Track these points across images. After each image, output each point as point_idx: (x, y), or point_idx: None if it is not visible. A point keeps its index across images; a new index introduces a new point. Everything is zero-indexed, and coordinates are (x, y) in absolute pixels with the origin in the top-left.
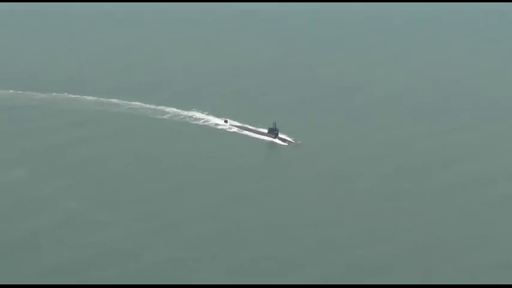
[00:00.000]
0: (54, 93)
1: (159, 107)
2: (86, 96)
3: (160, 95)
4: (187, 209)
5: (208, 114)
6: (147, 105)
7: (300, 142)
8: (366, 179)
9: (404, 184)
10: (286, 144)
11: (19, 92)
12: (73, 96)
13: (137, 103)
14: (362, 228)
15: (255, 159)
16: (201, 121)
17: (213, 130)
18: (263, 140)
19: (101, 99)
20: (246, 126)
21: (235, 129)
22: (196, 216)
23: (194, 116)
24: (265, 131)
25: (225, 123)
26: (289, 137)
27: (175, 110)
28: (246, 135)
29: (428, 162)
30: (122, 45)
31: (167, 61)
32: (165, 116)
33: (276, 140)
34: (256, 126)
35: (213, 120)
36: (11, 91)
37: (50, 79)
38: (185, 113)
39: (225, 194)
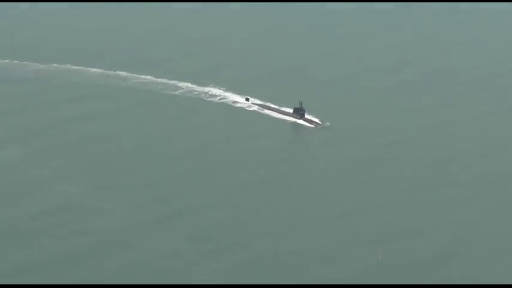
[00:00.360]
0: (54, 64)
1: (172, 82)
2: (90, 68)
3: (174, 68)
4: (197, 196)
5: (226, 91)
6: (158, 79)
7: (328, 124)
8: (400, 167)
9: (442, 174)
10: (312, 126)
11: (15, 61)
12: (76, 67)
13: (147, 77)
14: (391, 221)
15: (277, 142)
16: (218, 98)
17: (231, 108)
18: (287, 121)
19: (107, 71)
20: (269, 105)
21: (255, 108)
22: (207, 204)
23: (210, 92)
24: (290, 110)
25: (246, 101)
26: (317, 118)
27: (189, 85)
28: (268, 115)
29: (472, 150)
30: (134, 16)
31: (183, 33)
32: (177, 92)
33: (302, 121)
34: (281, 106)
35: (232, 97)
36: (7, 61)
37: (51, 49)
38: (200, 88)
39: (241, 181)
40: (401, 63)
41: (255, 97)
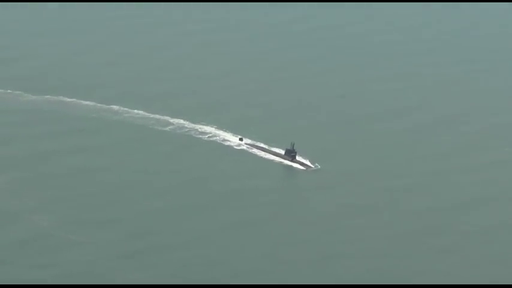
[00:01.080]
0: (47, 96)
1: (163, 117)
2: (82, 101)
3: (167, 104)
4: (177, 233)
5: (218, 129)
6: (150, 115)
7: (319, 167)
8: (390, 214)
9: (436, 225)
10: (303, 168)
11: (8, 91)
12: (68, 99)
13: (139, 111)
14: (372, 267)
15: (264, 183)
16: (209, 136)
17: (221, 147)
18: (278, 162)
19: (99, 105)
20: (261, 145)
21: (246, 147)
22: (186, 241)
23: (202, 130)
24: (282, 152)
25: (239, 141)
26: (309, 160)
27: (181, 121)
28: (259, 156)
29: (472, 200)
30: (129, 51)
31: (178, 70)
32: (167, 128)
33: (293, 163)
34: (273, 146)
35: (224, 136)
36: (1, 90)
37: (46, 80)
38: (192, 125)
39: (222, 221)
40: (404, 108)
41: (248, 137)
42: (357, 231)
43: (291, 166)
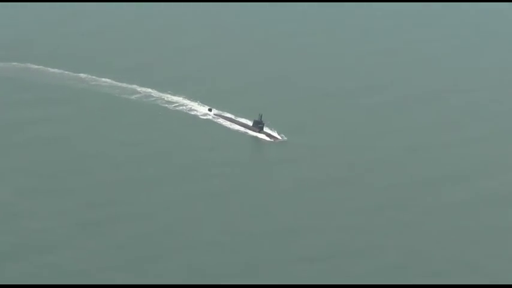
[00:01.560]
0: (14, 63)
1: (131, 86)
2: (49, 68)
3: (136, 74)
4: (136, 204)
5: (186, 99)
6: (118, 83)
7: (286, 139)
8: (355, 190)
9: (401, 200)
10: (271, 140)
11: None
12: (35, 66)
13: (107, 80)
14: (336, 242)
15: (230, 154)
16: (175, 105)
17: (187, 117)
18: (245, 134)
19: (66, 72)
20: (228, 115)
21: (211, 117)
22: (144, 213)
23: (169, 99)
24: (250, 123)
25: (208, 112)
26: (277, 132)
27: (149, 90)
28: (226, 127)
29: (441, 176)
30: (102, 22)
31: (151, 42)
32: (133, 97)
33: (260, 135)
34: (242, 118)
35: (191, 105)
36: None
37: (13, 47)
38: (159, 94)
39: (181, 192)
40: (380, 84)
41: (217, 107)
42: (319, 205)
43: (258, 137)
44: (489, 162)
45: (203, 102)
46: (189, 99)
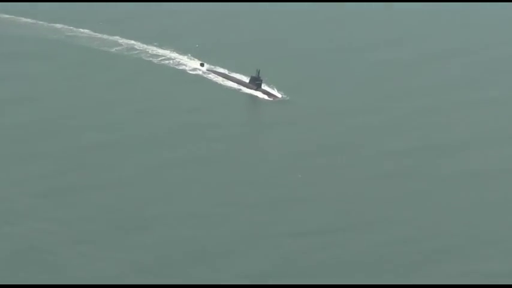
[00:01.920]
0: None
1: (112, 38)
2: (21, 18)
3: (117, 24)
4: (110, 171)
5: (175, 52)
6: (97, 35)
7: (287, 98)
8: (361, 155)
9: (407, 166)
10: (269, 98)
11: None
12: (6, 16)
13: (85, 30)
14: (342, 214)
15: (223, 115)
16: (164, 59)
17: (179, 73)
18: (241, 91)
19: (40, 22)
20: (225, 72)
21: (201, 73)
22: (118, 181)
23: (154, 52)
24: (247, 79)
25: (201, 67)
26: (276, 90)
27: (132, 42)
28: (220, 84)
29: (452, 142)
30: None
31: None
32: (113, 49)
33: (258, 93)
34: (239, 74)
35: (180, 58)
36: None
37: None
38: (144, 46)
39: (169, 157)
40: (392, 40)
41: (209, 62)
42: (321, 172)
43: (255, 95)
44: None
45: (194, 56)
46: (177, 52)
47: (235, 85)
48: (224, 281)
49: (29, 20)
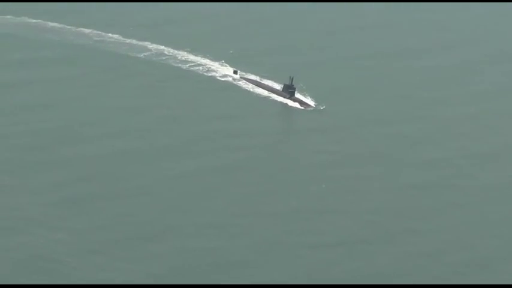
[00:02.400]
0: (9, 16)
1: (141, 43)
2: (48, 22)
3: (149, 30)
4: (135, 179)
5: (204, 58)
6: (126, 40)
7: (322, 107)
8: (396, 164)
9: (440, 176)
10: (303, 107)
11: None
12: (33, 21)
13: (114, 35)
14: (370, 226)
15: (253, 124)
16: (194, 66)
17: (205, 79)
18: (273, 100)
19: (68, 27)
20: (253, 78)
21: (231, 79)
22: (134, 188)
23: (183, 58)
24: (279, 87)
25: (234, 75)
26: (310, 99)
27: (163, 47)
28: (249, 91)
29: (490, 152)
30: None
31: None
32: (141, 55)
33: (290, 101)
34: (272, 82)
35: (210, 65)
36: None
37: None
38: (175, 52)
39: (194, 167)
40: (435, 46)
41: (242, 69)
42: (349, 182)
43: (288, 104)
44: None
45: (227, 62)
46: (209, 58)
47: (267, 93)
48: None
49: (56, 24)
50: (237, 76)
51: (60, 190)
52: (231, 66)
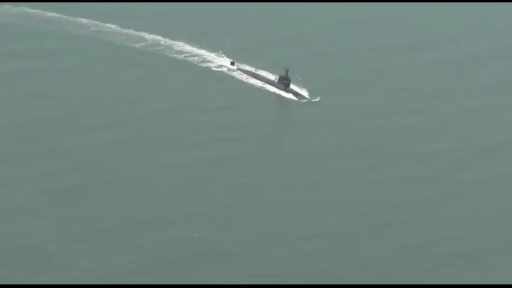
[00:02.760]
0: (6, 6)
1: (138, 33)
2: (47, 12)
3: (146, 19)
4: (127, 170)
5: (201, 49)
6: (124, 30)
7: (316, 99)
8: (393, 158)
9: (435, 169)
10: (297, 99)
11: None
12: (32, 10)
13: (111, 25)
14: (357, 217)
15: (246, 115)
16: (188, 56)
17: (201, 70)
18: (268, 91)
19: (66, 17)
20: (248, 68)
21: (225, 70)
22: (129, 181)
23: (179, 49)
24: (273, 78)
25: (230, 65)
26: (305, 90)
27: (159, 38)
28: (243, 82)
29: (485, 146)
30: None
31: None
32: (137, 45)
33: (285, 93)
34: (263, 71)
35: (206, 55)
36: None
37: None
38: (171, 42)
39: (186, 158)
40: (428, 41)
41: (235, 59)
42: (346, 176)
43: (283, 95)
44: None
45: (224, 53)
46: (206, 50)
47: (262, 84)
48: (226, 282)
49: (54, 14)
50: (233, 67)
51: (49, 179)
52: (228, 57)
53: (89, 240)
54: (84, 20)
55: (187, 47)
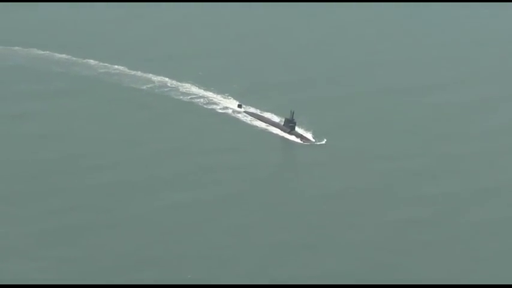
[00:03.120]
0: (16, 47)
1: (145, 75)
2: (56, 54)
3: (154, 61)
4: (135, 208)
5: (207, 91)
6: (131, 72)
7: (322, 142)
8: (394, 201)
9: (435, 212)
10: (302, 142)
11: None
12: (41, 52)
13: (119, 67)
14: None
15: (252, 157)
16: (194, 98)
17: (206, 112)
18: (273, 133)
19: (74, 58)
20: (254, 111)
21: (230, 111)
22: (143, 219)
23: (185, 91)
24: (279, 121)
25: (238, 108)
26: (310, 133)
27: (167, 79)
28: (250, 124)
29: (489, 190)
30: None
31: (179, 32)
32: (144, 87)
33: (291, 136)
34: (270, 113)
35: (212, 97)
36: None
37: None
38: (177, 84)
39: (193, 198)
40: (434, 84)
41: (246, 103)
42: (347, 218)
43: (288, 138)
44: None
45: (231, 95)
46: (214, 92)
47: (268, 127)
48: None
49: (63, 55)
50: (240, 110)
51: (46, 219)
52: (234, 99)
53: (86, 279)
54: (92, 62)
55: (194, 89)
